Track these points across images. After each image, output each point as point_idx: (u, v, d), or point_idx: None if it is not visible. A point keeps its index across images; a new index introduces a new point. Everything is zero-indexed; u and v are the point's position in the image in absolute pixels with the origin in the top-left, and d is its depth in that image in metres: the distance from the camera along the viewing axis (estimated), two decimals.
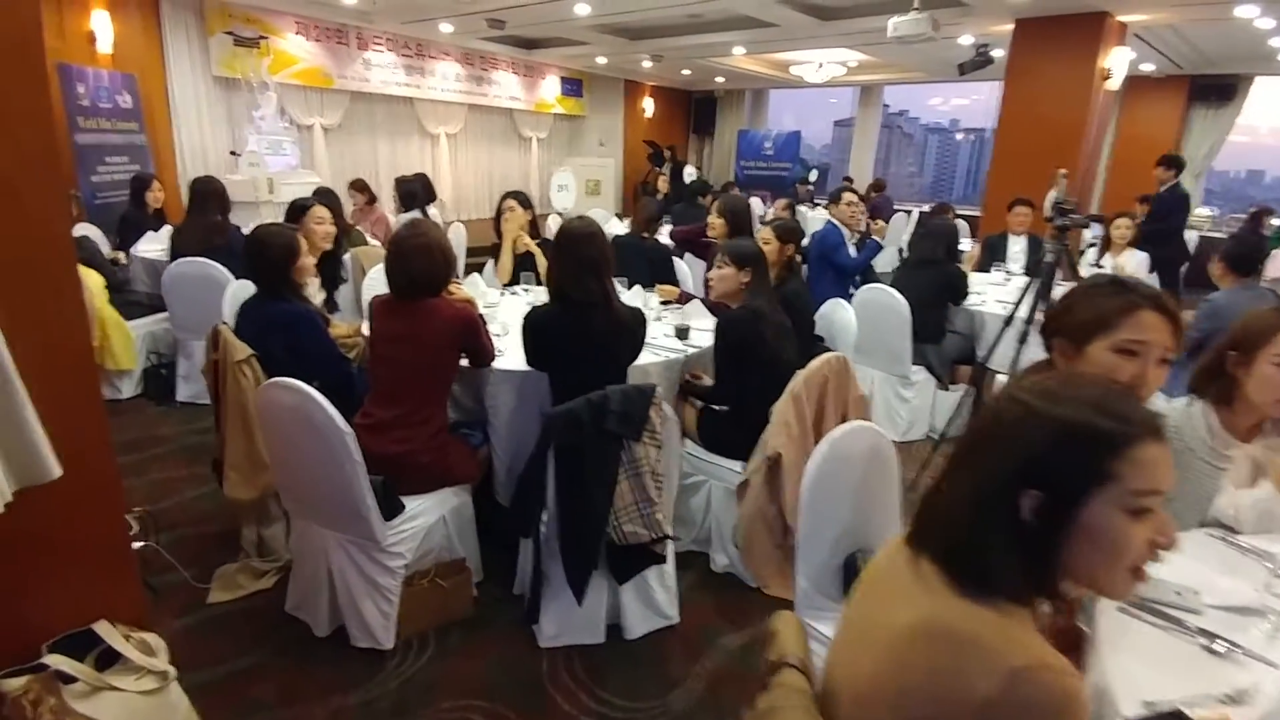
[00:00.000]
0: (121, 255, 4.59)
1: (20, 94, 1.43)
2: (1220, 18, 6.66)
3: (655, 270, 4.15)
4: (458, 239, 5.45)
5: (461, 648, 2.29)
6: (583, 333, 2.28)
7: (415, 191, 5.35)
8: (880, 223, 5.12)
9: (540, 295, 3.77)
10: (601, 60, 10.97)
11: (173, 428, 3.85)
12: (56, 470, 1.34)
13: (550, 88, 12.09)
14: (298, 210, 3.32)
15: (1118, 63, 6.89)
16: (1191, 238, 8.01)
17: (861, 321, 3.50)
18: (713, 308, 3.07)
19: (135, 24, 6.87)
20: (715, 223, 3.75)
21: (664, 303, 3.61)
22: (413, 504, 2.26)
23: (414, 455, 2.25)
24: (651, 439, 2.14)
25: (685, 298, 3.60)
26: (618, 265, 4.21)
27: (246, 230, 2.86)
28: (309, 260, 2.67)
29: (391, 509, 2.18)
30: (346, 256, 4.02)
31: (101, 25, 6.37)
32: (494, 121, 11.65)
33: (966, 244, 6.16)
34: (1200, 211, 10.17)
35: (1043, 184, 7.08)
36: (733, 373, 2.59)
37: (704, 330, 2.98)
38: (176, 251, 4.09)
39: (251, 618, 2.40)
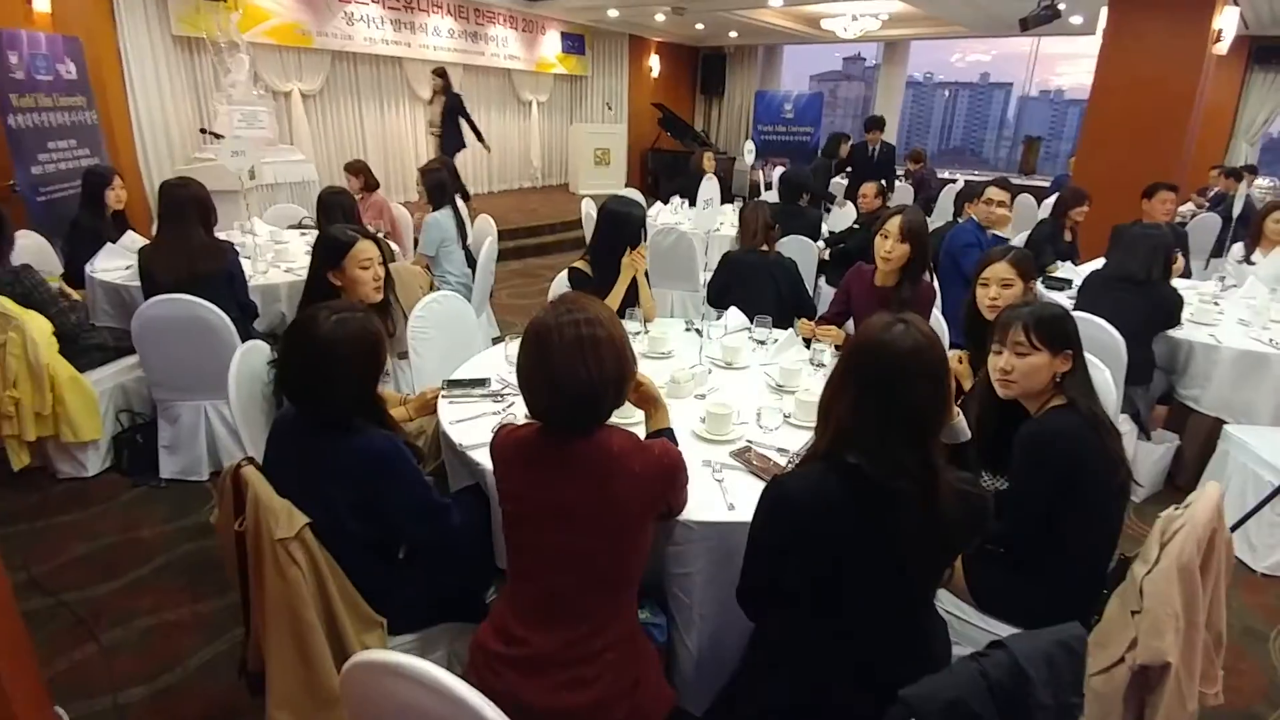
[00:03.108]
0: (75, 293, 3.49)
1: None
2: None
3: (785, 295, 3.22)
4: (486, 234, 4.44)
5: None
6: None
7: (444, 182, 4.31)
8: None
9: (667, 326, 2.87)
10: (614, 14, 9.77)
11: (160, 525, 2.88)
12: None
13: (551, 44, 10.88)
14: (332, 250, 2.24)
15: (1228, 23, 6.01)
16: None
17: None
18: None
19: None
20: (893, 251, 2.72)
21: (807, 342, 2.71)
22: None
23: (605, 709, 1.35)
24: None
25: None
26: (732, 291, 3.34)
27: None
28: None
29: None
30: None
31: None
32: (490, 84, 10.45)
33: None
34: (1260, 183, 9.48)
35: (1145, 158, 6.30)
36: (1047, 509, 1.70)
37: None
38: (148, 280, 3.05)
39: None
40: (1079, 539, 1.70)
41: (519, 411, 2.10)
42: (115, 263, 3.62)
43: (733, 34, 11.92)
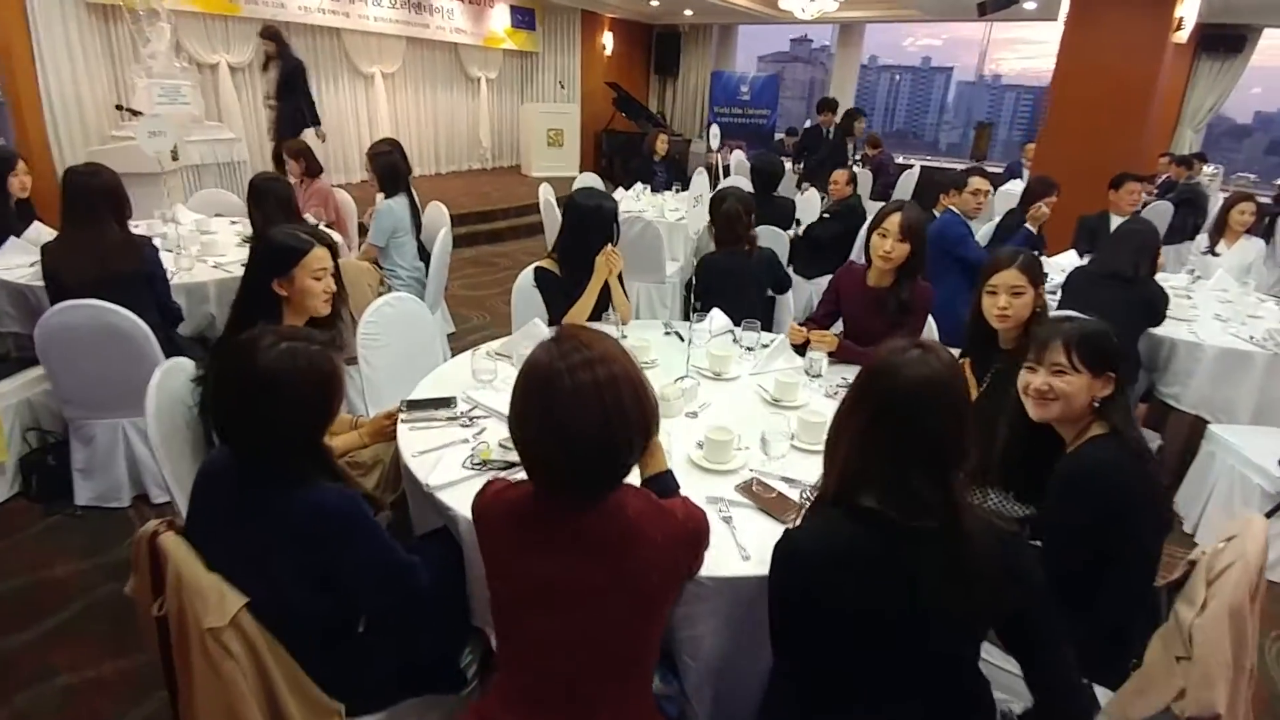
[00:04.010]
0: None
1: None
2: None
3: (768, 299, 3.02)
4: (440, 225, 4.13)
5: None
6: None
7: (397, 165, 3.95)
8: (1043, 208, 4.08)
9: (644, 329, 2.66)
10: None
11: (76, 561, 2.54)
12: None
13: (500, 18, 10.41)
14: (281, 256, 1.89)
15: (1189, 11, 6.04)
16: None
17: None
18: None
19: None
20: (893, 250, 2.51)
21: (799, 349, 2.52)
22: None
23: None
24: None
25: (852, 351, 2.51)
26: (712, 297, 3.09)
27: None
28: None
29: None
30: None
31: None
32: (437, 59, 9.95)
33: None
34: (1206, 169, 9.72)
35: (1106, 146, 6.31)
36: (1087, 548, 1.54)
37: None
38: (54, 283, 2.67)
39: None
40: (1119, 579, 1.55)
41: (491, 439, 1.85)
42: (19, 259, 3.20)
43: (688, 12, 11.62)
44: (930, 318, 2.90)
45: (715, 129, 5.15)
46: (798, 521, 1.48)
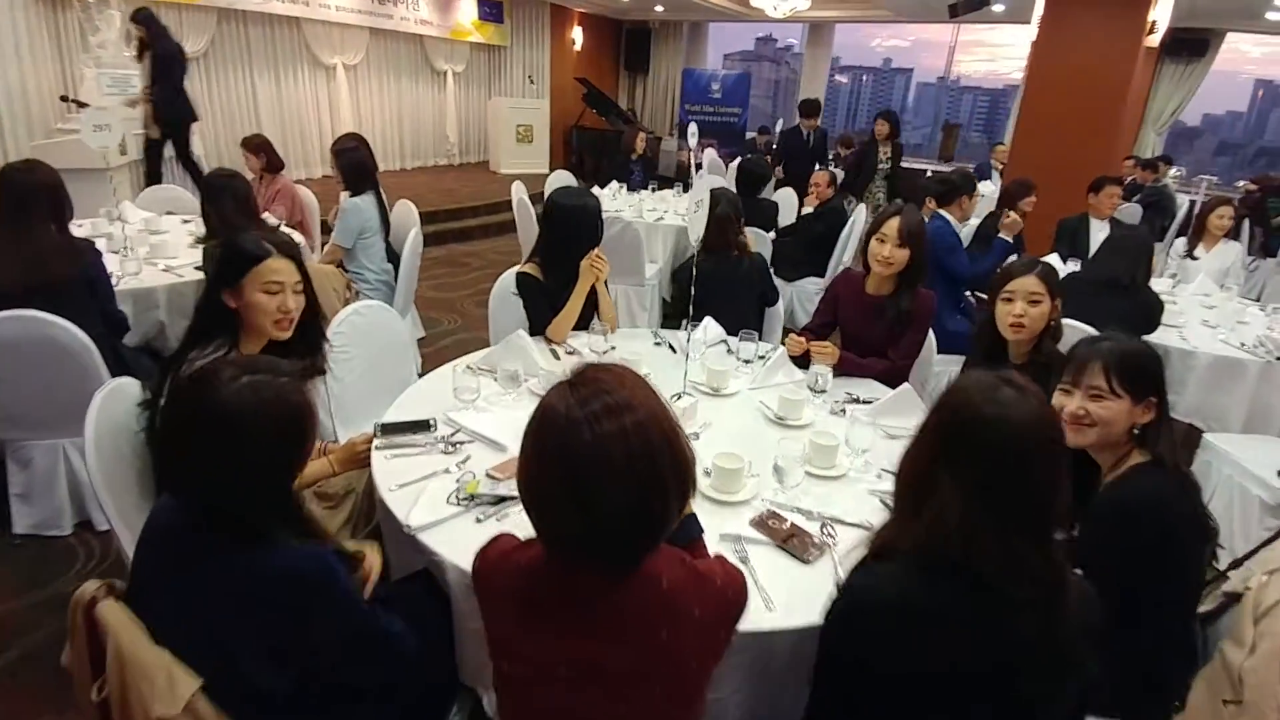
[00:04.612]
0: None
1: None
2: None
3: (762, 307, 2.89)
4: (409, 226, 3.92)
5: None
6: None
7: (364, 162, 3.72)
8: (1013, 215, 4.04)
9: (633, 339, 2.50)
10: None
11: (13, 598, 2.29)
12: None
13: (467, 10, 10.14)
14: (230, 262, 1.66)
15: (1162, 14, 6.08)
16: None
17: None
18: None
19: None
20: (892, 256, 2.39)
21: (798, 361, 2.39)
22: None
23: None
24: None
25: (851, 363, 2.39)
26: (705, 307, 2.93)
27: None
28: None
29: None
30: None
31: None
32: (401, 50, 9.65)
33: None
34: (1171, 173, 9.88)
35: (1080, 148, 6.34)
36: (1129, 585, 1.44)
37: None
38: None
39: None
40: (1159, 616, 1.45)
41: (477, 468, 1.69)
42: None
43: (659, 8, 11.48)
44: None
45: (694, 127, 5.01)
46: (841, 570, 1.35)
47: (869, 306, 2.52)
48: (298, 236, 3.66)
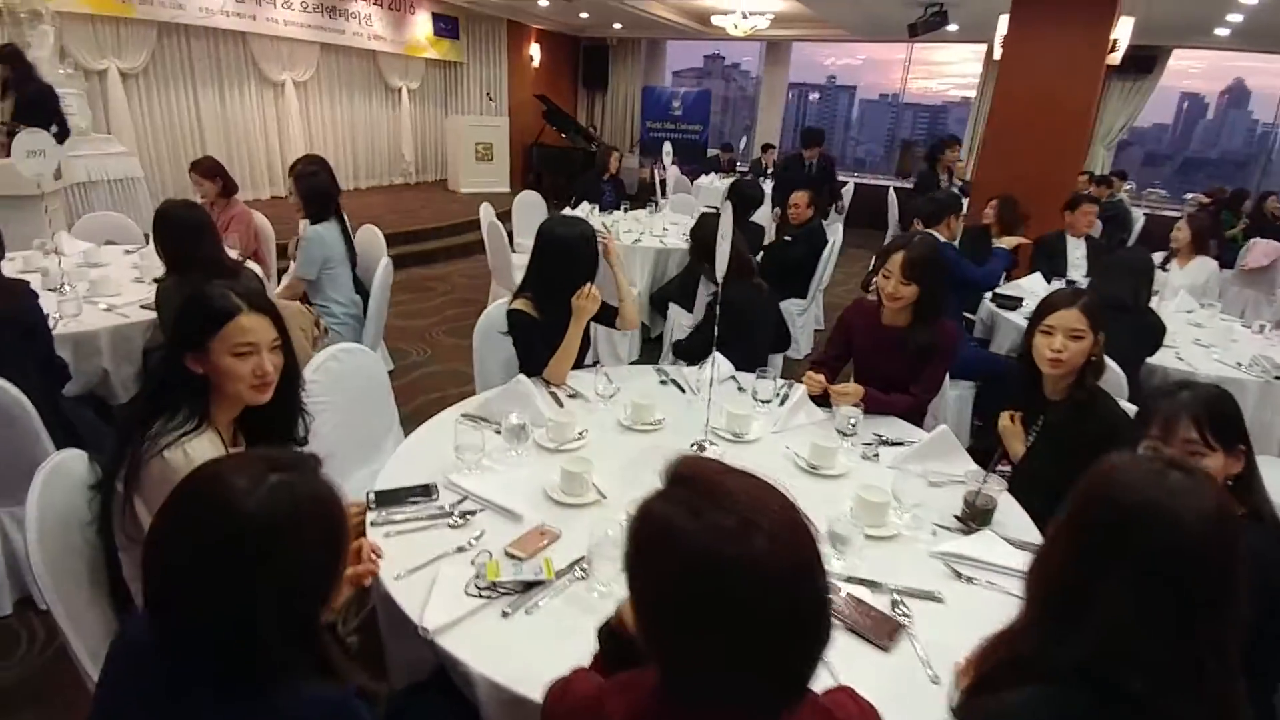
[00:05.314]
0: None
1: None
2: None
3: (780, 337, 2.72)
4: (377, 256, 3.68)
5: None
6: None
7: (326, 188, 3.44)
8: (1017, 239, 4.00)
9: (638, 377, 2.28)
10: None
11: None
12: None
13: (422, 25, 9.88)
14: (194, 321, 1.39)
15: (1123, 33, 6.20)
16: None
17: None
18: None
19: None
20: (898, 292, 2.25)
21: (818, 400, 2.23)
22: None
23: None
24: None
25: (877, 401, 2.22)
26: (728, 344, 2.67)
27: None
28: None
29: None
30: None
31: None
32: (354, 66, 9.33)
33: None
34: (1125, 188, 10.17)
35: (1044, 171, 6.41)
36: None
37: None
38: None
39: None
40: (1264, 675, 1.32)
41: (493, 545, 1.47)
42: None
43: (617, 25, 11.39)
44: None
45: (668, 145, 4.90)
46: (932, 666, 1.18)
47: (887, 339, 2.38)
48: (255, 268, 3.39)
